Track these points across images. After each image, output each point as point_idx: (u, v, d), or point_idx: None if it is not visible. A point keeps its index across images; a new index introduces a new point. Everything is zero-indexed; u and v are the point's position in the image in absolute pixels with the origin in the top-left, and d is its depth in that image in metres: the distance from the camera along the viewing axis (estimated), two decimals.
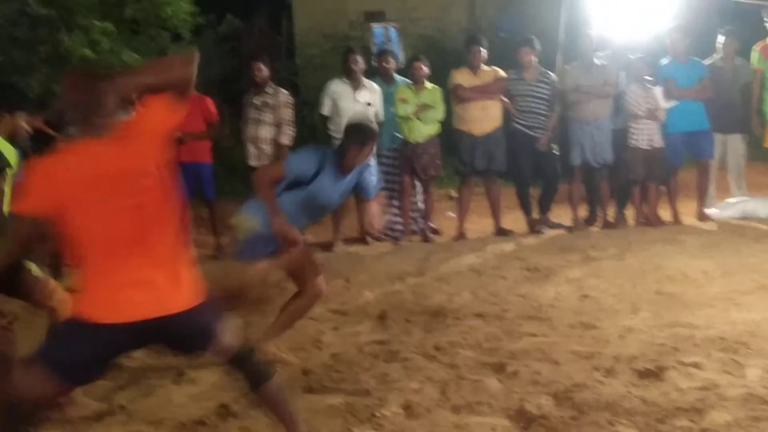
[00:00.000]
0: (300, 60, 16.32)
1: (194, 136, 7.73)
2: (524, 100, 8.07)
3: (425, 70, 7.96)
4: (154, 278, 2.91)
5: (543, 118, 8.08)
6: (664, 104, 8.00)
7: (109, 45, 9.34)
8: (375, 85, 8.10)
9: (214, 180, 8.09)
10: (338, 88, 8.00)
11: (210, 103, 8.02)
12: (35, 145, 6.90)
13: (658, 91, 8.00)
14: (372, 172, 6.49)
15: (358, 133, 4.60)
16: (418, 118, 7.91)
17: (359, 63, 8.00)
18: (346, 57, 8.12)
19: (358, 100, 7.92)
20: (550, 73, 8.33)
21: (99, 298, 2.89)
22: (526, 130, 8.07)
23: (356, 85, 7.96)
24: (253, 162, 7.77)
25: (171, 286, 2.93)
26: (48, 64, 9.31)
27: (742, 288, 5.58)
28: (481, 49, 8.00)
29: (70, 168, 2.86)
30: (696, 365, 4.10)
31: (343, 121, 7.81)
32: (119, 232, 2.87)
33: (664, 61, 8.19)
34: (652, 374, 4.01)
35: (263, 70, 7.84)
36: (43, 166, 2.90)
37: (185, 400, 4.05)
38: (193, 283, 3.01)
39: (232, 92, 12.01)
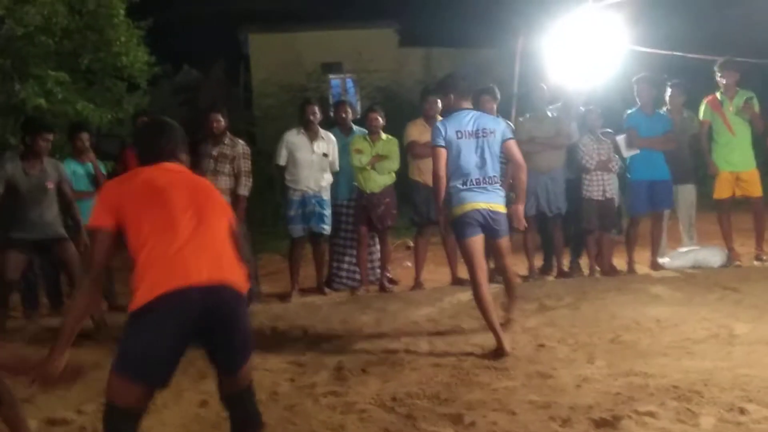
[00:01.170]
0: (257, 110, 16.40)
1: None
2: None
3: (380, 120, 8.03)
4: (213, 247, 3.12)
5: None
6: (626, 153, 8.16)
7: (64, 95, 9.30)
8: (331, 136, 8.15)
9: None
10: (295, 138, 8.02)
11: None
12: None
13: (620, 139, 8.17)
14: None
15: None
16: (373, 169, 7.95)
17: (317, 114, 8.05)
18: (303, 108, 8.16)
19: (314, 151, 7.96)
20: (509, 122, 8.45)
21: (161, 274, 2.99)
22: None
23: (313, 136, 8.00)
24: None
25: (228, 260, 3.14)
26: (2, 113, 9.24)
27: (694, 336, 5.64)
28: (437, 99, 8.09)
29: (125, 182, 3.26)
30: (651, 414, 4.11)
31: (299, 172, 7.88)
32: (176, 215, 3.11)
33: (631, 111, 8.38)
34: (608, 423, 4.02)
35: (221, 122, 7.84)
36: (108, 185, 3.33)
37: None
38: (242, 275, 3.19)
39: (188, 143, 12.00)
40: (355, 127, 8.41)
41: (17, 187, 6.47)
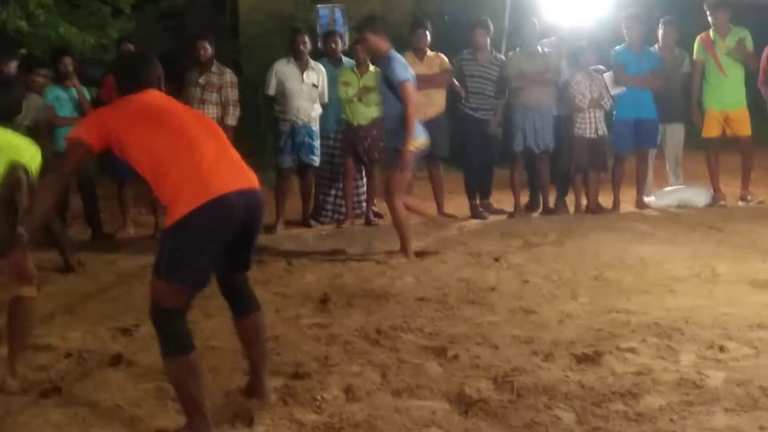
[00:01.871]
0: (243, 38, 16.12)
1: None
2: (475, 81, 8.14)
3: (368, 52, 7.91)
4: (233, 157, 3.42)
5: (492, 100, 8.14)
6: (613, 90, 8.11)
7: (46, 18, 9.11)
8: (321, 66, 8.06)
9: None
10: (284, 68, 7.92)
11: None
12: None
13: (607, 76, 8.11)
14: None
15: None
16: (360, 101, 7.87)
17: (307, 44, 7.95)
18: (293, 38, 8.05)
19: (304, 81, 7.87)
20: (501, 56, 8.39)
21: (200, 185, 3.19)
22: (475, 114, 8.14)
23: (303, 66, 7.91)
24: None
25: (248, 169, 3.45)
26: None
27: (677, 275, 5.68)
28: (426, 32, 8.00)
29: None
30: (632, 350, 4.16)
31: (289, 102, 7.80)
32: (194, 133, 3.32)
33: (618, 47, 8.29)
34: (590, 359, 4.06)
35: (208, 49, 7.73)
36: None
37: (123, 382, 3.98)
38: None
39: (173, 70, 11.82)
40: (344, 59, 8.30)
41: None
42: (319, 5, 16.98)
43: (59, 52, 7.78)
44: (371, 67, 7.92)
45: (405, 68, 6.48)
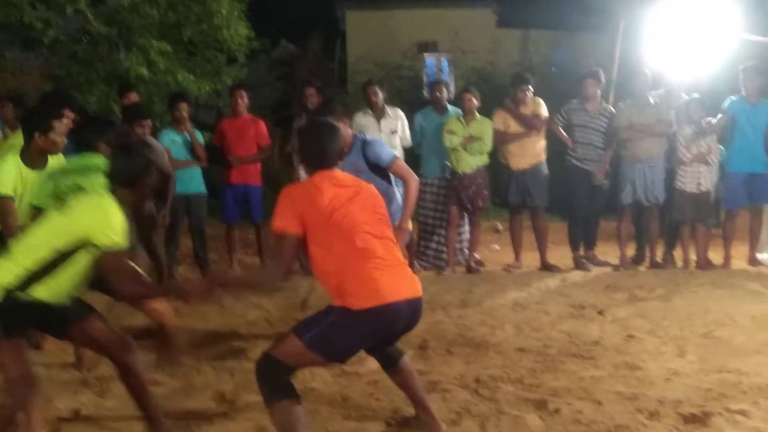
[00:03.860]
0: (351, 87, 16.45)
1: (245, 160, 7.85)
2: (583, 132, 8.09)
3: (475, 101, 7.99)
4: (398, 262, 3.50)
5: (599, 151, 8.06)
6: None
7: (165, 65, 9.52)
8: (399, 112, 8.21)
9: (262, 203, 8.19)
10: (362, 120, 8.07)
11: (263, 127, 8.13)
12: None
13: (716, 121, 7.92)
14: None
15: None
16: (464, 149, 7.91)
17: (379, 93, 8.08)
18: (365, 90, 8.21)
19: (381, 130, 7.99)
20: (610, 107, 8.32)
21: (364, 287, 3.33)
22: (581, 164, 8.07)
23: (379, 115, 8.05)
24: None
25: (410, 272, 3.55)
26: (105, 81, 9.51)
27: None
28: (530, 87, 8.04)
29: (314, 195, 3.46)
30: (743, 413, 3.99)
31: None
32: (365, 233, 3.42)
33: (734, 97, 8.09)
34: (698, 419, 3.91)
35: (315, 96, 7.92)
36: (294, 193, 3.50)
37: (223, 420, 4.05)
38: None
39: (282, 116, 12.14)
40: (450, 107, 8.37)
41: None
42: (425, 54, 17.21)
43: (176, 98, 8.10)
44: (477, 116, 7.97)
45: (385, 145, 5.54)
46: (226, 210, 8.01)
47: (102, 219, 3.39)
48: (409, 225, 5.59)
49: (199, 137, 7.94)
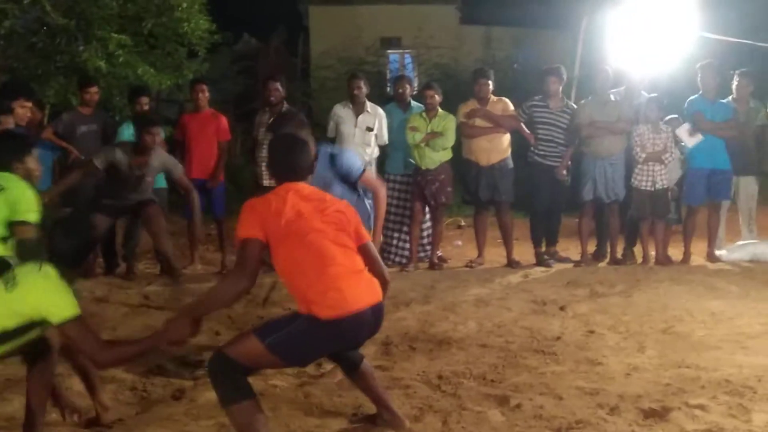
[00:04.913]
0: (314, 82, 16.39)
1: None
2: (546, 128, 8.12)
3: (437, 98, 7.99)
4: (359, 268, 3.48)
5: (561, 148, 8.10)
6: (689, 140, 7.99)
7: (125, 58, 9.38)
8: (378, 110, 8.15)
9: (224, 198, 8.12)
10: (341, 111, 8.06)
11: (224, 122, 8.07)
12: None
13: (683, 128, 8.01)
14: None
15: None
16: (427, 146, 7.91)
17: (362, 88, 8.04)
18: (349, 82, 8.21)
19: (357, 125, 7.96)
20: (572, 104, 8.37)
21: (329, 296, 3.32)
22: (544, 161, 8.11)
23: (358, 110, 8.01)
24: (265, 182, 7.76)
25: (368, 275, 3.52)
26: (64, 74, 9.35)
27: (749, 331, 5.51)
28: (488, 82, 8.05)
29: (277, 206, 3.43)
30: (702, 407, 4.03)
31: (342, 145, 7.84)
32: (327, 240, 3.41)
33: (693, 97, 8.18)
34: (657, 414, 3.95)
35: (279, 90, 7.85)
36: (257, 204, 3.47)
37: (183, 418, 4.00)
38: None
39: (245, 110, 12.05)
40: (413, 103, 8.36)
41: (119, 174, 6.55)
42: (389, 51, 17.19)
43: (137, 91, 8.00)
44: (440, 112, 7.97)
45: (353, 156, 5.38)
46: (187, 205, 7.92)
47: (52, 290, 3.24)
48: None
49: (161, 132, 7.84)
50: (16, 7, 8.87)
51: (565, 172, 8.14)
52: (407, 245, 8.21)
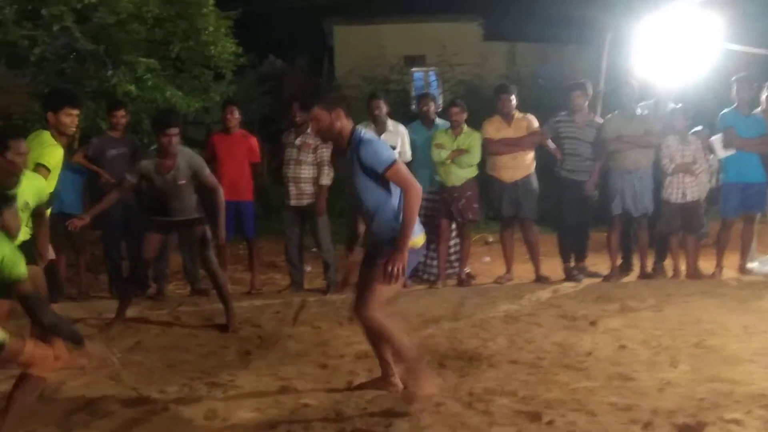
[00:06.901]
0: None
1: None
2: (572, 143, 8.11)
3: (463, 115, 8.00)
4: None
5: (588, 162, 8.08)
6: (722, 153, 7.94)
7: (153, 82, 9.50)
8: (400, 127, 8.17)
9: (254, 218, 8.16)
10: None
11: (255, 144, 8.13)
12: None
13: (716, 139, 7.96)
14: None
15: None
16: (453, 163, 7.92)
17: (382, 108, 8.08)
18: (368, 103, 8.21)
19: None
20: (598, 118, 8.36)
21: None
22: (570, 176, 8.09)
23: (380, 130, 8.02)
24: (293, 202, 7.80)
25: None
26: (93, 98, 9.48)
27: None
28: (511, 97, 8.05)
29: None
30: (737, 422, 3.99)
31: None
32: None
33: (726, 111, 8.13)
34: (692, 429, 3.91)
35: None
36: None
37: None
38: None
39: (271, 131, 12.12)
40: (438, 120, 8.38)
41: (153, 184, 6.55)
42: (413, 69, 17.23)
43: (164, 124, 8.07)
44: (465, 129, 7.98)
45: (384, 146, 4.56)
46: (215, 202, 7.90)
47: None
48: (419, 241, 4.57)
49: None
50: (45, 34, 9.02)
51: (593, 187, 8.11)
52: (435, 262, 8.20)
